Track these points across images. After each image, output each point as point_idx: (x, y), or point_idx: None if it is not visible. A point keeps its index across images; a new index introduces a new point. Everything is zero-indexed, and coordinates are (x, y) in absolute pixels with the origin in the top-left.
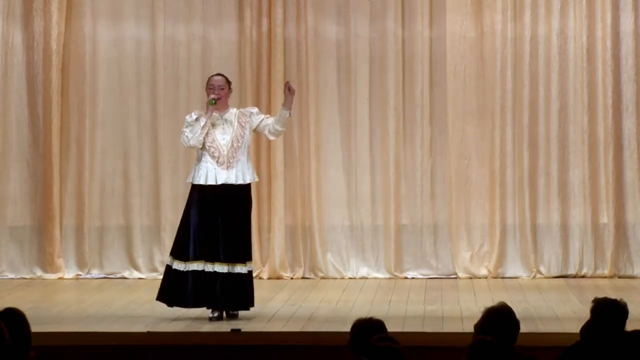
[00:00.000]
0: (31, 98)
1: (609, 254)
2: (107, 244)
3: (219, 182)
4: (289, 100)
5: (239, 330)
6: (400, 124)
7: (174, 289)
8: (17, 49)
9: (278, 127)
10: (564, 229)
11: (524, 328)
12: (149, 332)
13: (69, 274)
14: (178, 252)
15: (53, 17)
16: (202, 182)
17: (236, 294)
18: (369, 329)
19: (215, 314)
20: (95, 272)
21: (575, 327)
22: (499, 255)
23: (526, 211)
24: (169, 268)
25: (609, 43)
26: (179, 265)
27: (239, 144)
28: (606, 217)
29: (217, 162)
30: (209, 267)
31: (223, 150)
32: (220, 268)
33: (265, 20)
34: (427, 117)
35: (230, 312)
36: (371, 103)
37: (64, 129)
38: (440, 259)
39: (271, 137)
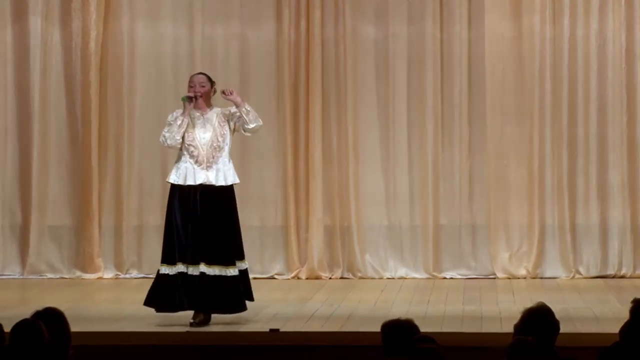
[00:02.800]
0: (69, 98)
1: None
2: (146, 244)
3: (198, 182)
4: (233, 101)
5: (277, 330)
6: (439, 123)
7: (163, 294)
8: (55, 49)
9: (247, 126)
10: (603, 229)
11: (562, 328)
12: (187, 332)
13: (108, 273)
14: (165, 256)
15: (91, 17)
16: (181, 182)
17: (225, 297)
18: (400, 330)
19: (197, 320)
20: (133, 272)
21: (614, 328)
22: (538, 255)
23: (565, 211)
24: (157, 272)
25: None
26: (166, 270)
27: (219, 144)
28: None
29: (197, 161)
30: (194, 270)
31: (202, 150)
32: (208, 270)
33: (303, 21)
34: (465, 117)
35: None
36: (409, 103)
37: (102, 129)
38: (478, 259)
39: (247, 134)
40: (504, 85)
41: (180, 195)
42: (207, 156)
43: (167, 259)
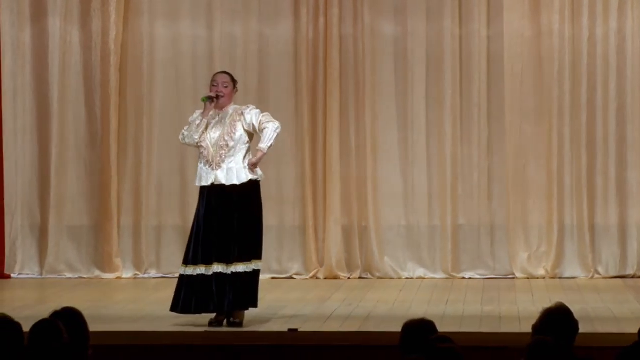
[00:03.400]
0: (89, 98)
1: None
2: (164, 244)
3: (209, 183)
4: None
5: (296, 330)
6: (457, 122)
7: (178, 294)
8: (74, 49)
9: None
10: (622, 229)
11: (581, 329)
12: (206, 332)
13: (127, 273)
14: (184, 256)
15: (111, 17)
16: (197, 183)
17: (234, 293)
18: (420, 330)
19: (216, 319)
20: (152, 272)
21: (633, 328)
22: (557, 255)
23: (584, 211)
24: (180, 275)
25: None
26: (181, 270)
27: (226, 142)
28: None
29: (207, 162)
30: (204, 270)
31: (211, 150)
32: (216, 269)
33: (321, 19)
34: (484, 116)
35: (232, 320)
36: (428, 102)
37: (121, 129)
38: (497, 259)
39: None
40: (523, 84)
41: (200, 197)
42: (214, 156)
43: (184, 260)
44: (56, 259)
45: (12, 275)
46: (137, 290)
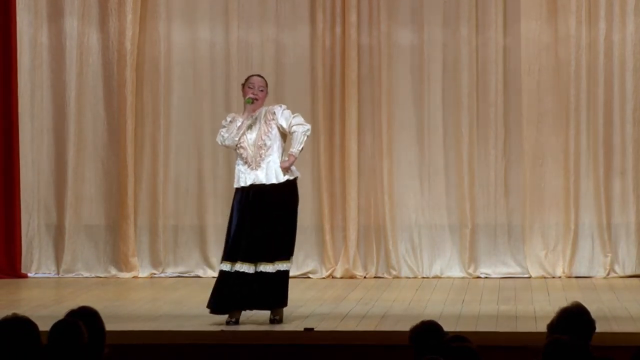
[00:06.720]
0: (106, 98)
1: None
2: (181, 243)
3: (248, 184)
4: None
5: (312, 329)
6: (474, 126)
7: (218, 292)
8: (92, 49)
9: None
10: (639, 228)
11: (598, 328)
12: (222, 331)
13: (143, 272)
14: (223, 254)
15: (127, 18)
16: (236, 185)
17: (263, 293)
18: (427, 333)
19: (233, 318)
20: (169, 271)
21: None
22: (573, 254)
23: (601, 211)
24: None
25: None
26: (222, 266)
27: (264, 142)
28: None
29: (246, 163)
30: (247, 268)
31: (250, 150)
32: (247, 268)
33: (338, 25)
34: (500, 116)
35: (273, 317)
36: (444, 108)
37: (138, 129)
38: (514, 259)
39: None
40: (540, 87)
41: (239, 198)
42: (254, 156)
43: (222, 257)
44: (73, 258)
45: (29, 274)
46: (153, 289)
